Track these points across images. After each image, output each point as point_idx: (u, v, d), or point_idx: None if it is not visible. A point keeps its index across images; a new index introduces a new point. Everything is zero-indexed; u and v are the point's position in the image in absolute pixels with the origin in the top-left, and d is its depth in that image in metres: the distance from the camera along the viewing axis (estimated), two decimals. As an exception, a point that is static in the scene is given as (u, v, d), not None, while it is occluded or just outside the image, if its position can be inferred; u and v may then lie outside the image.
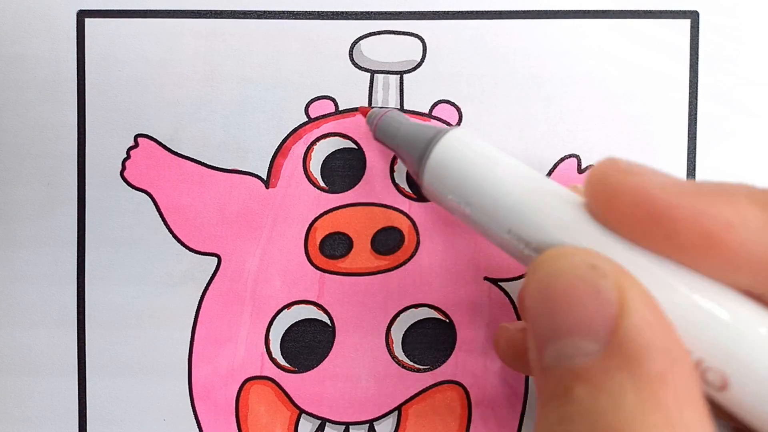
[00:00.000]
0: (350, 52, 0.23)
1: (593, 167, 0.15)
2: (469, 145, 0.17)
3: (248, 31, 0.23)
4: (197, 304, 0.23)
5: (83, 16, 0.23)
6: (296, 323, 0.23)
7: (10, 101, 0.23)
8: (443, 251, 0.23)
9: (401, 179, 0.23)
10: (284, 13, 0.23)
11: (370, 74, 0.23)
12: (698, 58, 0.23)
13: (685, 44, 0.22)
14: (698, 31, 0.23)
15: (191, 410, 0.23)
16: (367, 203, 0.23)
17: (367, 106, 0.23)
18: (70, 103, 0.23)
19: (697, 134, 0.23)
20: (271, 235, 0.23)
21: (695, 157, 0.23)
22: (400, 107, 0.23)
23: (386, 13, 0.23)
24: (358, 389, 0.23)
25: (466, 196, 0.17)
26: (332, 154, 0.23)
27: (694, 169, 0.23)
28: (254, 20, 0.23)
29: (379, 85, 0.23)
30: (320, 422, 0.23)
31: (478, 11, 0.23)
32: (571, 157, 0.23)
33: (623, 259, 0.14)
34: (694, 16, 0.23)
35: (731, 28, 0.23)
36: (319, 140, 0.23)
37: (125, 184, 0.23)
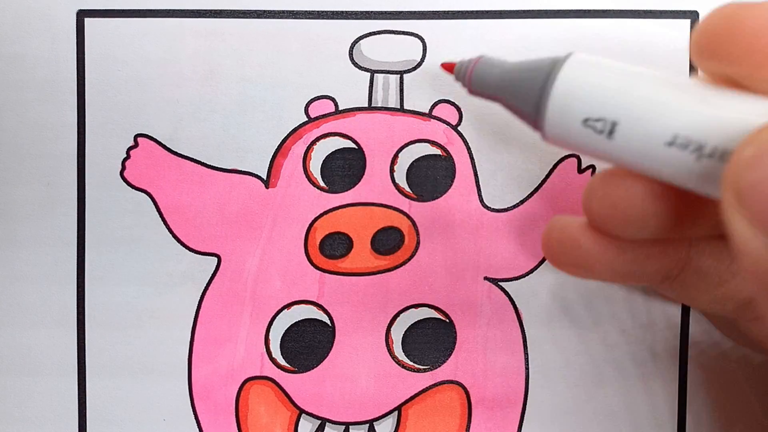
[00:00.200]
0: (350, 51, 0.23)
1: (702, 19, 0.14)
2: (595, 62, 0.15)
3: (248, 30, 0.23)
4: (197, 304, 0.23)
5: (83, 15, 0.23)
6: (296, 323, 0.23)
7: (9, 101, 0.23)
8: (443, 251, 0.23)
9: (401, 179, 0.23)
10: (284, 12, 0.23)
11: (370, 74, 0.23)
12: (698, 57, 0.23)
13: (685, 44, 0.22)
14: (698, 30, 0.23)
15: (191, 410, 0.23)
16: (367, 203, 0.23)
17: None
18: (69, 102, 0.23)
19: None
20: (270, 235, 0.23)
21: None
22: (400, 107, 0.23)
23: (386, 13, 0.23)
24: (358, 389, 0.23)
25: (611, 111, 0.14)
26: (332, 154, 0.23)
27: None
28: (254, 20, 0.23)
29: (379, 85, 0.23)
30: (320, 422, 0.23)
31: (478, 11, 0.23)
32: (571, 157, 0.23)
33: None
34: (694, 16, 0.22)
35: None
36: (319, 140, 0.23)
37: (125, 184, 0.23)
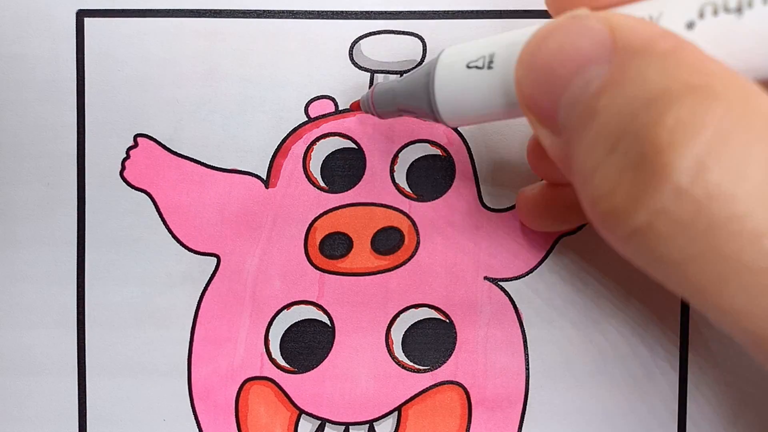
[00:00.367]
0: (350, 51, 0.23)
1: None
2: (462, 45, 0.17)
3: (248, 30, 0.23)
4: (197, 304, 0.23)
5: (83, 15, 0.23)
6: (296, 323, 0.23)
7: (9, 101, 0.23)
8: (443, 251, 0.23)
9: (401, 179, 0.23)
10: (284, 12, 0.23)
11: (370, 74, 0.23)
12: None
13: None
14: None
15: (191, 410, 0.23)
16: (367, 203, 0.23)
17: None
18: (69, 102, 0.23)
19: None
20: (270, 235, 0.23)
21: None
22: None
23: (386, 12, 0.23)
24: (358, 389, 0.23)
25: (487, 54, 0.16)
26: (332, 154, 0.23)
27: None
28: (254, 20, 0.23)
29: (379, 84, 0.23)
30: (320, 423, 0.23)
31: (478, 11, 0.22)
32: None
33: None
34: None
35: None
36: (319, 140, 0.23)
37: (125, 184, 0.23)
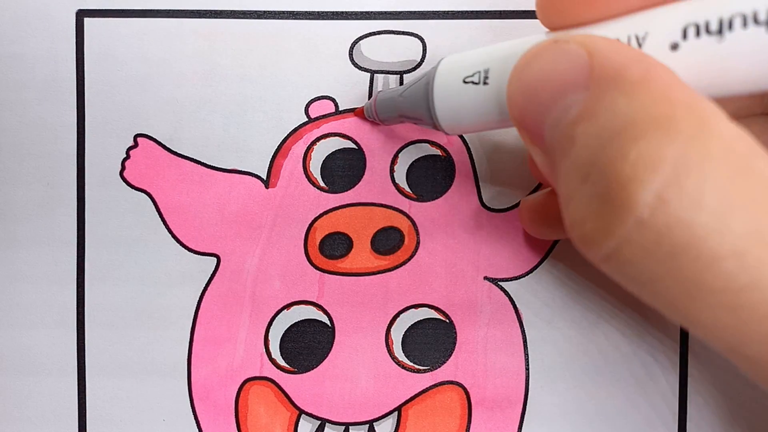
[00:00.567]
0: (350, 52, 0.23)
1: None
2: (459, 56, 0.17)
3: (248, 30, 0.23)
4: (196, 304, 0.23)
5: (82, 15, 0.23)
6: (296, 324, 0.23)
7: (9, 101, 0.23)
8: (443, 251, 0.23)
9: (401, 179, 0.23)
10: (284, 13, 0.23)
11: (370, 74, 0.23)
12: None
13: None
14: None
15: (191, 410, 0.23)
16: (367, 203, 0.23)
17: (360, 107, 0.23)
18: (69, 102, 0.23)
19: None
20: (270, 235, 0.23)
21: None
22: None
23: (386, 13, 0.23)
24: (357, 390, 0.23)
25: (482, 70, 0.16)
26: (332, 154, 0.23)
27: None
28: (254, 20, 0.23)
29: (379, 85, 0.23)
30: (320, 423, 0.23)
31: (478, 11, 0.22)
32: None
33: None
34: None
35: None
36: (319, 140, 0.23)
37: (125, 184, 0.23)
